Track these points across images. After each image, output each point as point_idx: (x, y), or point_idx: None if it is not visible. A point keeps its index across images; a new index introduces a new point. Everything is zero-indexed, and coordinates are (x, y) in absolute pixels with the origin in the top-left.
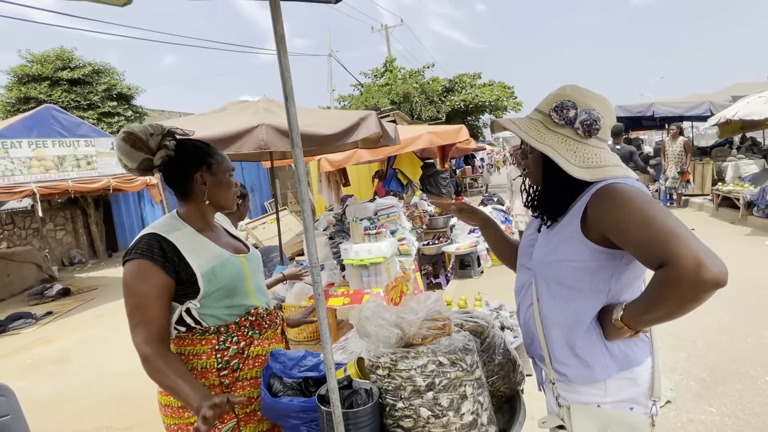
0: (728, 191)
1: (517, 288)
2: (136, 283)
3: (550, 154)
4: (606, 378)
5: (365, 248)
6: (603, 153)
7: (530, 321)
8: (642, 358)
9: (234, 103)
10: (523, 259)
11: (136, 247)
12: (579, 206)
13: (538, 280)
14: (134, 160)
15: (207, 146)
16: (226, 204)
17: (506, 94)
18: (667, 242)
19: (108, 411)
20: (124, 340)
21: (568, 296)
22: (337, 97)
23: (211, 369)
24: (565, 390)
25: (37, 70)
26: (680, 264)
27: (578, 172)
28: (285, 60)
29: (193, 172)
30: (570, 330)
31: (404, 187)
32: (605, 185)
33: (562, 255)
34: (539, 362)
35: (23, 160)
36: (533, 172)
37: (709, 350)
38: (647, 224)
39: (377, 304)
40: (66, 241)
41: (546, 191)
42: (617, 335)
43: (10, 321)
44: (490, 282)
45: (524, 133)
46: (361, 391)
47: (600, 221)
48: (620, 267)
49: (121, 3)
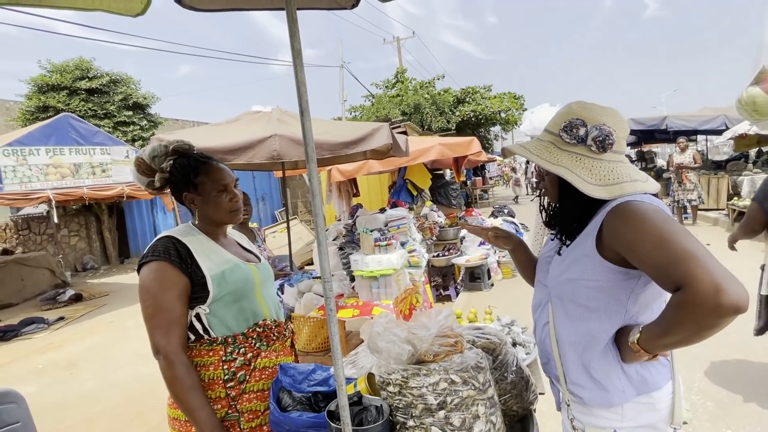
0: (744, 206)
1: (534, 305)
2: (156, 284)
3: (566, 176)
4: (623, 402)
5: (375, 260)
6: (620, 167)
7: (546, 339)
8: (661, 382)
9: (247, 113)
10: (541, 275)
11: (153, 250)
12: (594, 224)
13: (553, 299)
14: (142, 183)
15: (196, 164)
16: (219, 220)
17: (516, 105)
18: (684, 264)
19: (116, 418)
20: (134, 347)
21: (583, 316)
22: (349, 108)
23: (218, 380)
24: (580, 413)
25: (56, 79)
26: (698, 287)
27: (596, 191)
28: (301, 75)
29: (183, 193)
30: (585, 350)
31: (414, 198)
32: (621, 203)
33: (577, 273)
34: (555, 382)
35: (40, 167)
36: (551, 192)
37: (726, 370)
38: (663, 245)
39: (389, 320)
40: (79, 246)
41: (564, 211)
42: (634, 358)
43: (22, 326)
44: (500, 295)
45: (536, 157)
46: (372, 408)
47: (615, 240)
48: (638, 287)
49: (134, 14)
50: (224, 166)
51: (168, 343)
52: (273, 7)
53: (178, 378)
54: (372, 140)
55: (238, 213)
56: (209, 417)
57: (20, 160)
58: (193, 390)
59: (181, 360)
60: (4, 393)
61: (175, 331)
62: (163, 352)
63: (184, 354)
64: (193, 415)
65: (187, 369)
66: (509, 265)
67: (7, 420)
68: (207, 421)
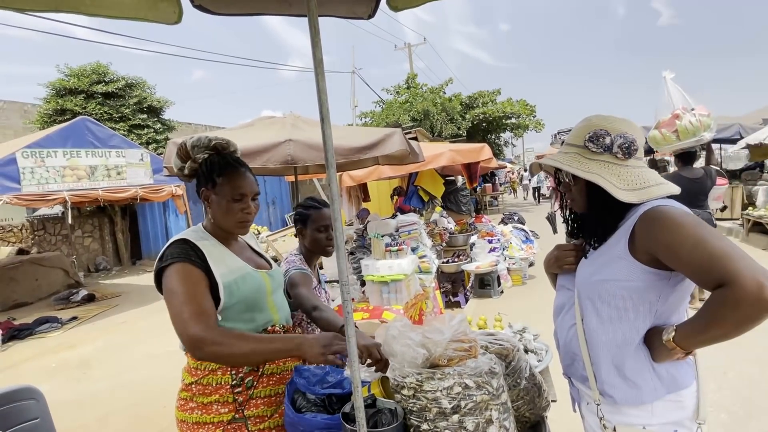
0: (759, 216)
1: (556, 308)
2: (183, 281)
3: (599, 182)
4: (653, 400)
5: (386, 264)
6: (644, 172)
7: (573, 341)
8: (689, 381)
9: (261, 118)
10: (563, 280)
11: (171, 252)
12: (626, 227)
13: (583, 300)
14: (176, 166)
15: (225, 164)
16: (225, 226)
17: (526, 111)
18: (725, 262)
19: (128, 418)
20: (146, 348)
21: (616, 316)
22: (359, 114)
23: (226, 385)
24: (610, 412)
25: (73, 83)
26: (741, 284)
27: (627, 196)
28: (323, 83)
29: (201, 188)
30: (617, 351)
31: (425, 204)
32: (653, 208)
33: (610, 275)
34: (579, 383)
35: (57, 169)
36: (579, 201)
37: (740, 382)
38: (702, 245)
39: (404, 324)
40: (93, 248)
41: (593, 217)
42: (668, 356)
43: (36, 324)
44: (510, 302)
45: (568, 167)
46: (386, 411)
47: (651, 244)
48: (667, 288)
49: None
50: (251, 176)
51: (204, 327)
52: (293, 13)
53: (235, 349)
54: (385, 146)
55: (246, 225)
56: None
57: (38, 162)
58: (251, 341)
59: (225, 333)
60: (24, 389)
61: (208, 317)
62: (200, 335)
63: (224, 329)
64: (275, 353)
65: (235, 336)
66: (519, 272)
67: (27, 416)
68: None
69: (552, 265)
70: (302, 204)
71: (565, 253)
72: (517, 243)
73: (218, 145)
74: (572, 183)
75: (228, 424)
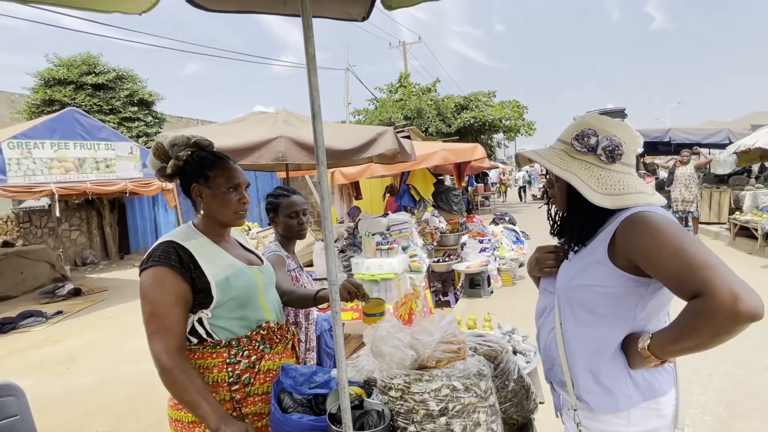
0: (746, 221)
1: (538, 312)
2: (154, 289)
3: (573, 181)
4: (629, 407)
5: (377, 263)
6: (627, 179)
7: (551, 345)
8: (667, 388)
9: (254, 113)
10: (545, 283)
11: (153, 254)
12: (607, 232)
13: (562, 305)
14: (154, 167)
15: (214, 158)
16: (222, 219)
17: (516, 114)
18: (702, 273)
19: (114, 415)
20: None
21: (593, 322)
22: (353, 111)
23: (222, 383)
24: (587, 418)
25: (63, 73)
26: (716, 295)
27: (600, 200)
28: (315, 80)
29: (192, 184)
30: (593, 356)
31: (416, 203)
32: (635, 213)
33: (588, 280)
34: (559, 388)
35: (45, 161)
36: (559, 199)
37: (725, 385)
38: (680, 254)
39: (393, 325)
40: (80, 241)
41: (571, 218)
42: (642, 364)
43: (21, 318)
44: (499, 302)
45: (547, 162)
46: (373, 413)
47: (630, 249)
48: (646, 295)
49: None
50: (239, 167)
51: (162, 350)
52: (287, 13)
53: (176, 382)
54: (377, 146)
55: (242, 216)
56: (212, 408)
57: (25, 153)
58: (190, 387)
59: (174, 362)
60: (3, 386)
61: (169, 337)
62: (156, 357)
63: (179, 357)
64: (196, 411)
65: (181, 370)
66: (509, 272)
67: (6, 413)
68: (212, 413)
69: (533, 268)
70: (272, 194)
71: (545, 256)
72: (507, 243)
73: (199, 141)
74: (555, 180)
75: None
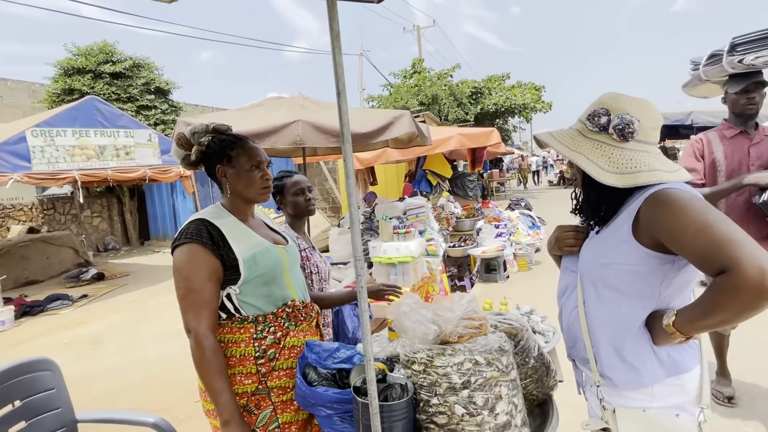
0: None
1: (560, 290)
2: (188, 266)
3: (579, 161)
4: (653, 383)
5: (394, 247)
6: (642, 156)
7: (575, 323)
8: (691, 365)
9: (270, 99)
10: (567, 262)
11: (185, 232)
12: (630, 210)
13: (585, 283)
14: (179, 156)
15: (234, 140)
16: (248, 196)
17: (535, 97)
18: (728, 249)
19: (138, 393)
20: (155, 327)
21: (617, 299)
22: (367, 97)
23: (249, 357)
24: (610, 394)
25: (81, 63)
26: (743, 271)
27: (609, 179)
28: (339, 57)
29: (217, 166)
30: (618, 334)
31: (432, 188)
32: (659, 190)
33: (612, 258)
34: (581, 365)
35: (67, 149)
36: (578, 179)
37: (743, 369)
38: (705, 231)
39: (415, 301)
40: (101, 227)
41: (587, 197)
42: (667, 340)
43: (48, 301)
44: (515, 287)
45: (558, 143)
46: (396, 386)
47: (655, 227)
48: (671, 272)
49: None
50: (259, 147)
51: (198, 325)
52: None
53: (205, 360)
54: (394, 128)
55: (267, 192)
56: (230, 402)
57: (48, 141)
58: (219, 373)
59: (209, 342)
60: (40, 361)
61: (205, 312)
62: (193, 332)
63: (212, 336)
64: (215, 397)
65: (215, 352)
66: (525, 257)
67: (44, 386)
68: (228, 406)
69: (553, 246)
70: (275, 178)
71: (565, 235)
72: (523, 228)
73: (218, 127)
74: None
75: (252, 395)
